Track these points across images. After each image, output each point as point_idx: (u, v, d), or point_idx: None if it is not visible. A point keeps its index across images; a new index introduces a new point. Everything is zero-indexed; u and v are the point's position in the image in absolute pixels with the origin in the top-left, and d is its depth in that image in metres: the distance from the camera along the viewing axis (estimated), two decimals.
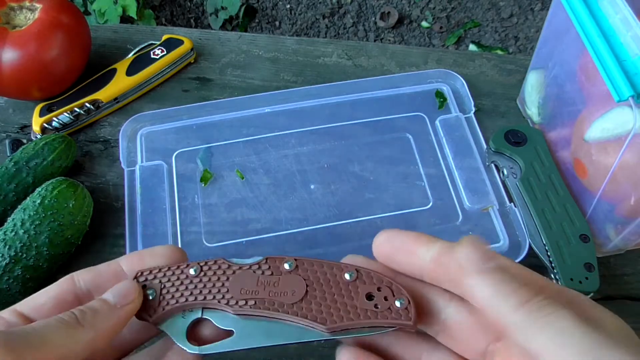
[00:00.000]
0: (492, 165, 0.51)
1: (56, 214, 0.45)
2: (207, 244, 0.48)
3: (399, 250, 0.28)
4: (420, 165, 0.53)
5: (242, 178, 0.52)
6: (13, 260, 0.43)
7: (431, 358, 0.29)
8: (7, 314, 0.28)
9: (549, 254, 0.45)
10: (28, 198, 0.46)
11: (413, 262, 0.28)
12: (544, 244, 0.46)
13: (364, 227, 0.49)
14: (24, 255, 0.43)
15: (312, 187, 0.51)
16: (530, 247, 0.46)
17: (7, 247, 0.43)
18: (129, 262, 0.31)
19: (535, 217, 0.47)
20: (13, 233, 0.44)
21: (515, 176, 0.50)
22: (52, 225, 0.44)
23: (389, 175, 0.52)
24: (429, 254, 0.28)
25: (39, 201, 0.45)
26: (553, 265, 0.44)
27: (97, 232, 0.49)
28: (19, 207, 0.46)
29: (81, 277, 0.30)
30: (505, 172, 0.50)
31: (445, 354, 0.29)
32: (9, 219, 0.45)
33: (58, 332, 0.26)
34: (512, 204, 0.49)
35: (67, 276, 0.30)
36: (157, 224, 0.49)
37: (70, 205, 0.46)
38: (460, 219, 0.49)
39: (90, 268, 0.31)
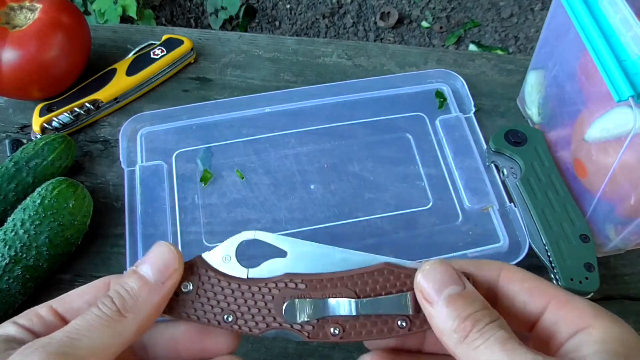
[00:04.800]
0: (492, 165, 0.51)
1: (56, 214, 0.45)
2: (207, 244, 0.48)
3: None
4: (420, 165, 0.53)
5: (242, 178, 0.52)
6: (13, 260, 0.43)
7: None
8: (44, 310, 0.27)
9: (549, 254, 0.45)
10: (28, 198, 0.46)
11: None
12: (544, 244, 0.46)
13: (364, 227, 0.49)
14: (24, 255, 0.43)
15: (312, 187, 0.51)
16: (530, 247, 0.46)
17: (7, 247, 0.43)
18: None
19: (535, 217, 0.47)
20: (13, 233, 0.44)
21: (515, 176, 0.50)
22: (52, 225, 0.44)
23: (389, 175, 0.52)
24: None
25: (39, 201, 0.45)
26: (553, 265, 0.44)
27: (97, 232, 0.49)
28: (19, 207, 0.46)
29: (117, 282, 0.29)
30: (505, 172, 0.50)
31: None
32: (9, 219, 0.45)
33: (103, 332, 0.25)
34: (512, 204, 0.49)
35: (104, 279, 0.29)
36: (157, 224, 0.49)
37: (70, 205, 0.46)
38: (460, 219, 0.49)
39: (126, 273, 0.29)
